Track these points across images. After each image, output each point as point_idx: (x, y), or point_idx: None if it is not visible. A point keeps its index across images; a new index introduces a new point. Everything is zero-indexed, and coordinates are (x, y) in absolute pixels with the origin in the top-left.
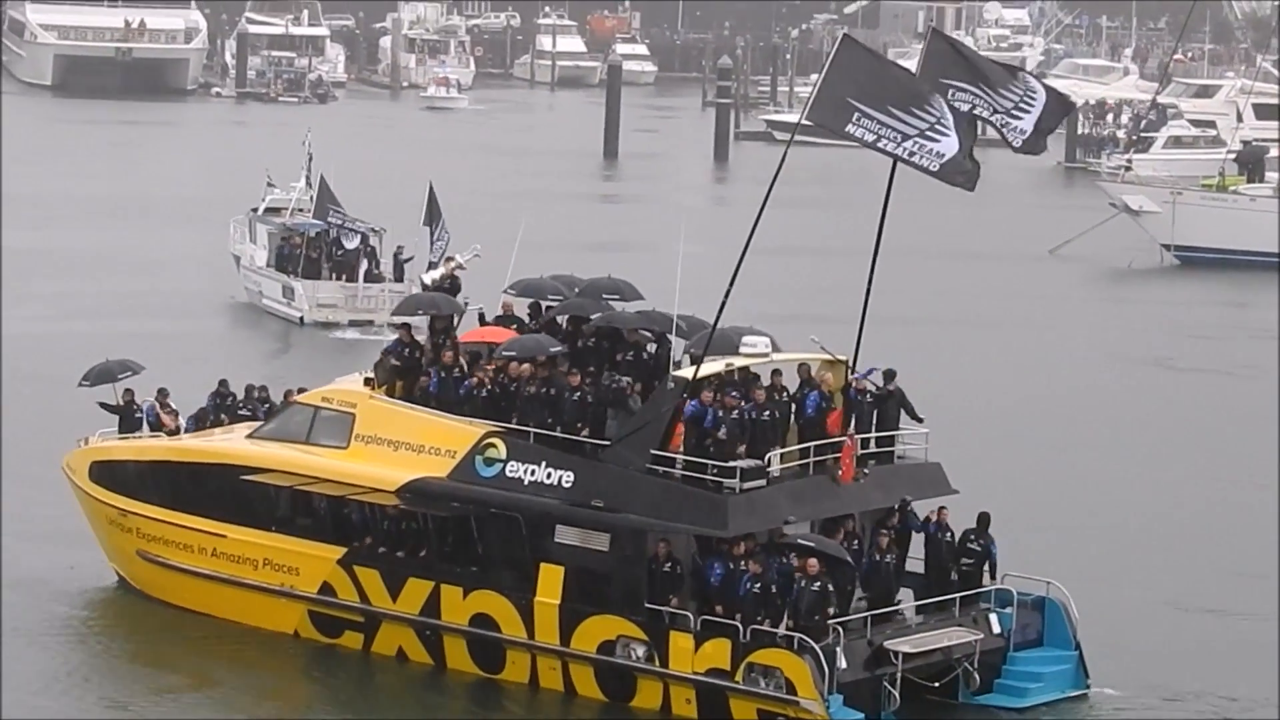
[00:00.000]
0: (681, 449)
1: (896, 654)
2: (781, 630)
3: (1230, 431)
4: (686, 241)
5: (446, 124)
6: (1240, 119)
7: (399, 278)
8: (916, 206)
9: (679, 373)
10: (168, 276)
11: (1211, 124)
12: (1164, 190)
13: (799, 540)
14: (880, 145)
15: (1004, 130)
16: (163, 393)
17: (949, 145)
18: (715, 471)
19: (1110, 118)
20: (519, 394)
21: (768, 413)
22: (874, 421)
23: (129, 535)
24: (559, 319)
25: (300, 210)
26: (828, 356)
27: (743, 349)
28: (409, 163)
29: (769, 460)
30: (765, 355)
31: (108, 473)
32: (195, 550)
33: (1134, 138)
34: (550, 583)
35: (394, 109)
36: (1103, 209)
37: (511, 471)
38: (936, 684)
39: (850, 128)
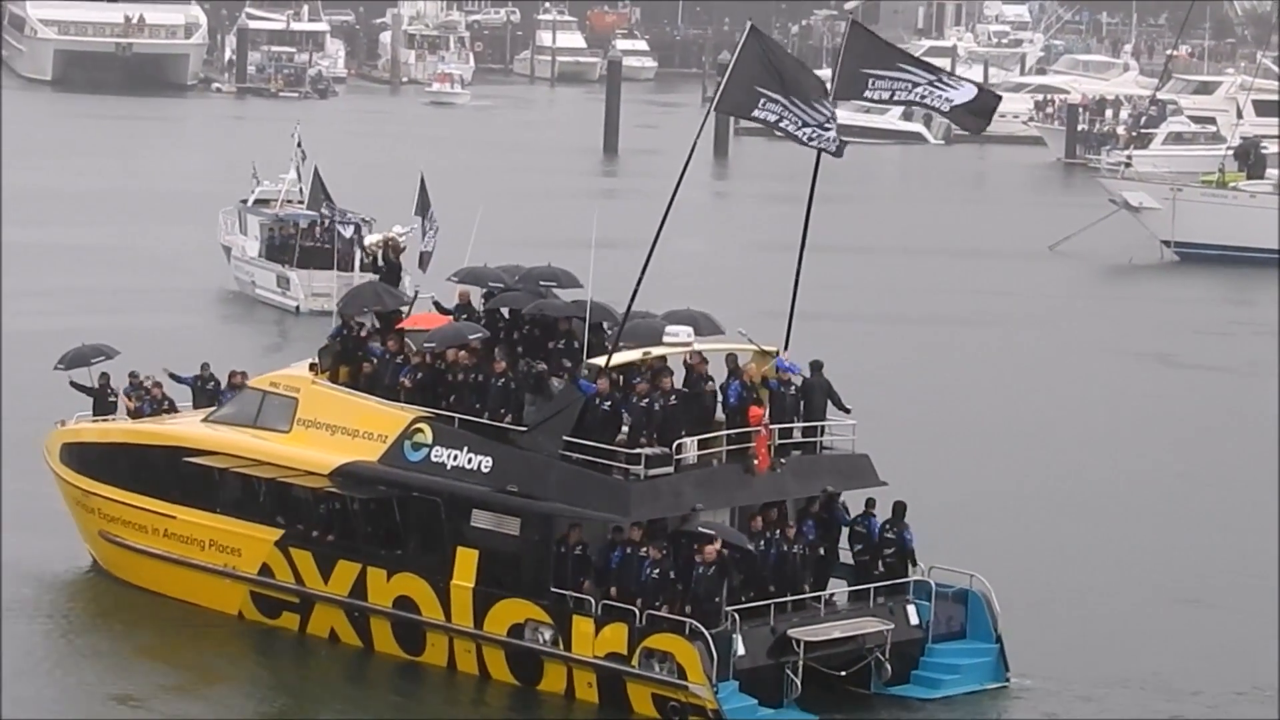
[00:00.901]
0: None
1: (799, 642)
2: (680, 617)
3: (1216, 428)
4: (687, 236)
5: (447, 120)
6: (1240, 115)
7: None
8: (916, 204)
9: (593, 360)
10: (166, 270)
11: (1211, 120)
12: (1164, 186)
13: (698, 527)
14: (782, 125)
15: (929, 100)
16: (134, 375)
17: (834, 137)
18: (621, 459)
19: (1110, 114)
20: (452, 380)
21: (674, 401)
22: (799, 412)
23: (92, 516)
24: (500, 308)
25: (289, 202)
26: (754, 347)
27: (665, 338)
28: (409, 158)
29: (677, 448)
30: (687, 345)
31: (75, 454)
32: (149, 531)
33: (1134, 134)
34: (466, 566)
35: (394, 104)
36: (1103, 205)
37: (436, 456)
38: (843, 673)
39: (757, 111)
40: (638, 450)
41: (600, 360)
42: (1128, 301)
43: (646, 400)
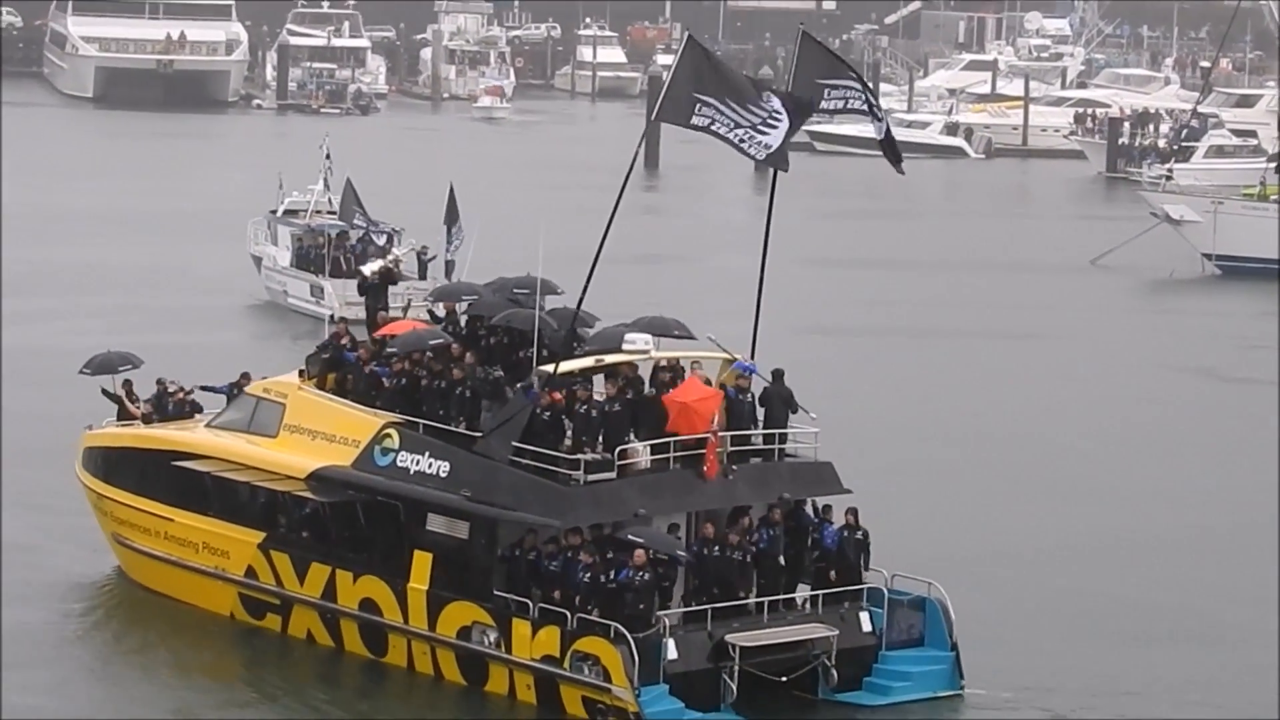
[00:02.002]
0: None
1: (734, 647)
2: (606, 620)
3: (1242, 442)
4: (728, 253)
5: (489, 135)
6: None
7: (422, 275)
8: (957, 218)
9: (544, 368)
10: (208, 286)
11: (1253, 133)
12: (1205, 200)
13: (627, 534)
14: (714, 129)
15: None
16: (161, 382)
17: (776, 138)
18: (563, 464)
19: (1151, 127)
20: (424, 386)
21: (618, 408)
22: (756, 420)
23: (107, 519)
24: (480, 317)
25: (318, 212)
26: (724, 355)
27: (625, 346)
28: (449, 173)
29: (625, 453)
30: (644, 352)
31: (92, 459)
32: (151, 533)
33: (1175, 147)
34: (421, 569)
35: (435, 120)
36: (1144, 219)
37: (401, 461)
38: (784, 678)
39: (694, 119)
40: (577, 456)
41: (550, 367)
42: (1168, 315)
43: (585, 406)
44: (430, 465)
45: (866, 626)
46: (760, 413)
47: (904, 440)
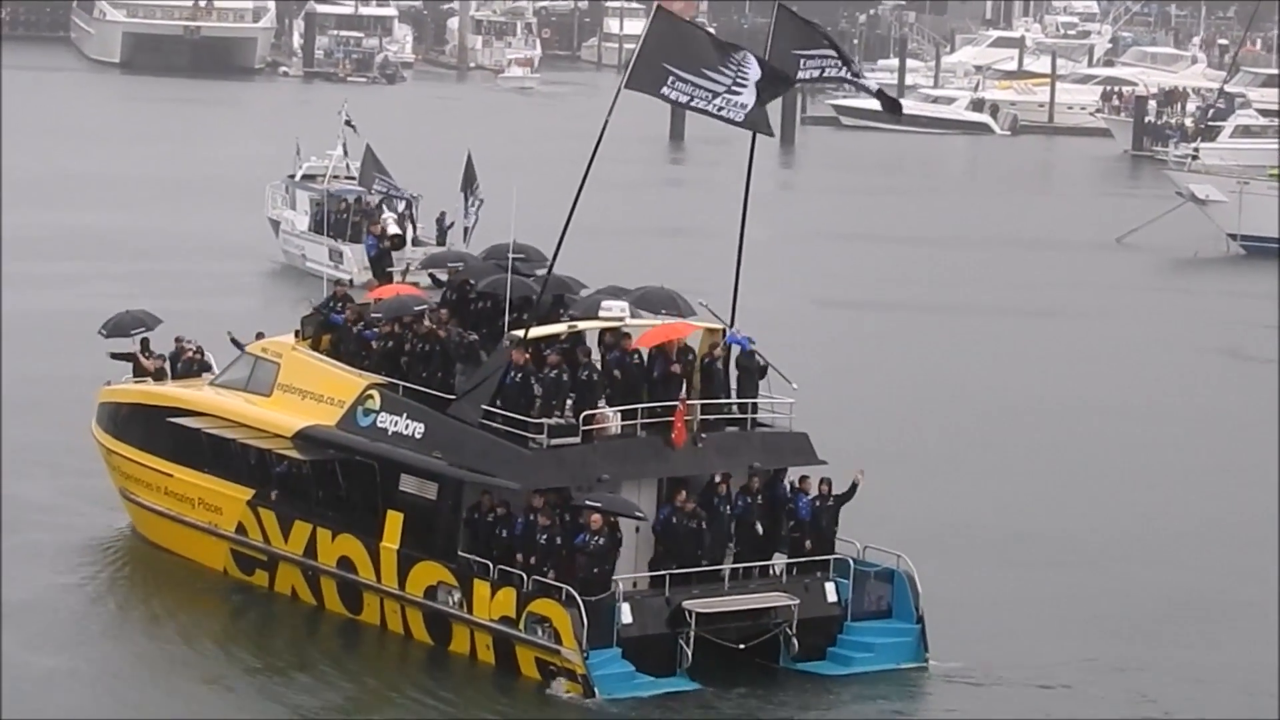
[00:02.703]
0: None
1: (691, 613)
2: (559, 583)
3: (1256, 424)
4: (752, 224)
5: (514, 106)
6: None
7: (441, 241)
8: (982, 195)
9: (516, 333)
10: (227, 249)
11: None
12: (1231, 180)
13: (585, 499)
14: (694, 105)
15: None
16: (179, 339)
17: (749, 96)
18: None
19: (1178, 106)
20: (408, 349)
21: (588, 374)
22: (729, 390)
23: (116, 474)
24: (468, 283)
25: (336, 177)
26: (709, 324)
27: (601, 313)
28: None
29: (592, 419)
30: (620, 319)
31: (104, 415)
32: (154, 489)
33: (1201, 126)
34: (393, 528)
35: (461, 90)
36: (1169, 198)
37: (381, 422)
38: (742, 646)
39: (665, 90)
40: (541, 420)
41: (535, 331)
42: (1192, 295)
43: (555, 372)
44: (407, 427)
45: (832, 597)
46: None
47: (907, 415)
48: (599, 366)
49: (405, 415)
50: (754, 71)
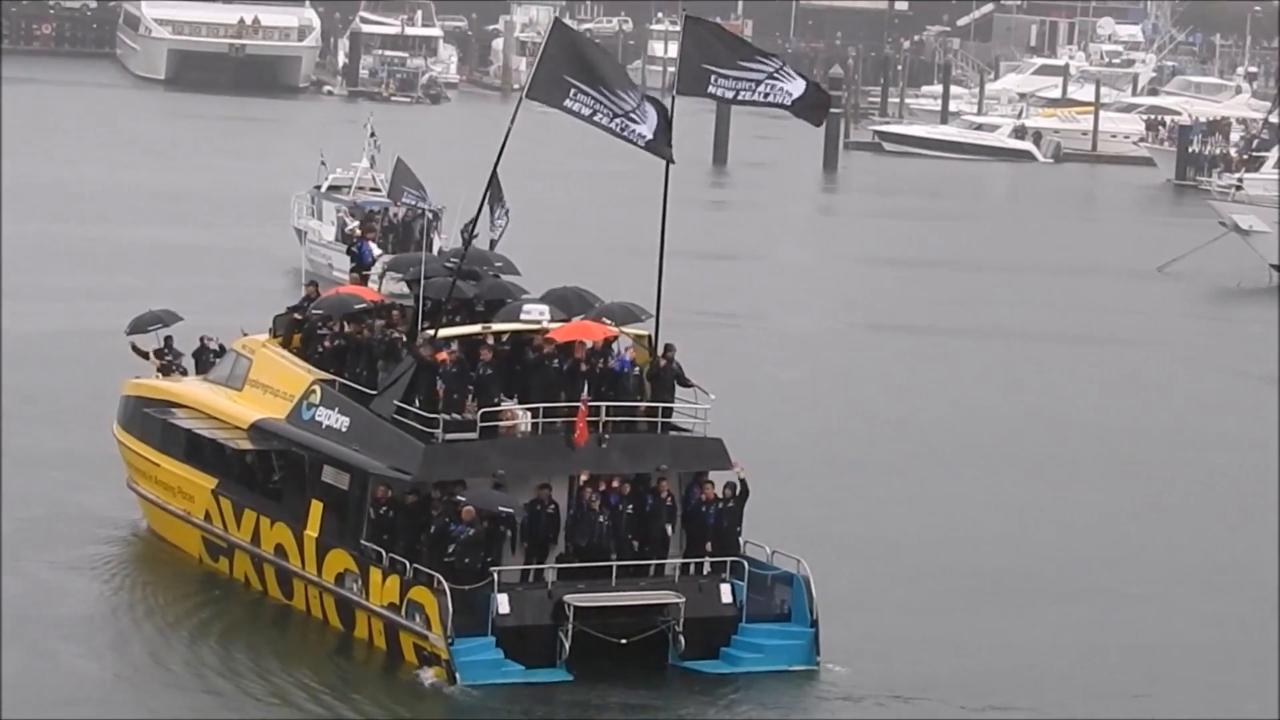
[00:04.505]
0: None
1: (570, 607)
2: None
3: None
4: (793, 248)
5: (557, 125)
6: None
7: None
8: (1025, 222)
9: (429, 332)
10: (265, 265)
11: None
12: (1274, 210)
13: (460, 493)
14: (596, 119)
15: (773, 98)
16: (204, 338)
17: (648, 129)
18: (424, 422)
19: (1221, 136)
20: (353, 347)
21: (489, 372)
22: (642, 393)
23: (125, 465)
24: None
25: (361, 189)
26: (635, 330)
27: (523, 316)
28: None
29: (496, 415)
30: (538, 323)
31: (119, 408)
32: (147, 478)
33: (1245, 156)
34: (315, 517)
35: (505, 110)
36: (1212, 228)
37: (319, 416)
38: (624, 641)
39: (568, 102)
40: (436, 415)
41: (445, 331)
42: (1233, 324)
43: (456, 368)
44: (337, 420)
45: (726, 598)
46: (649, 388)
47: (919, 434)
48: (496, 367)
49: (336, 409)
50: (651, 116)
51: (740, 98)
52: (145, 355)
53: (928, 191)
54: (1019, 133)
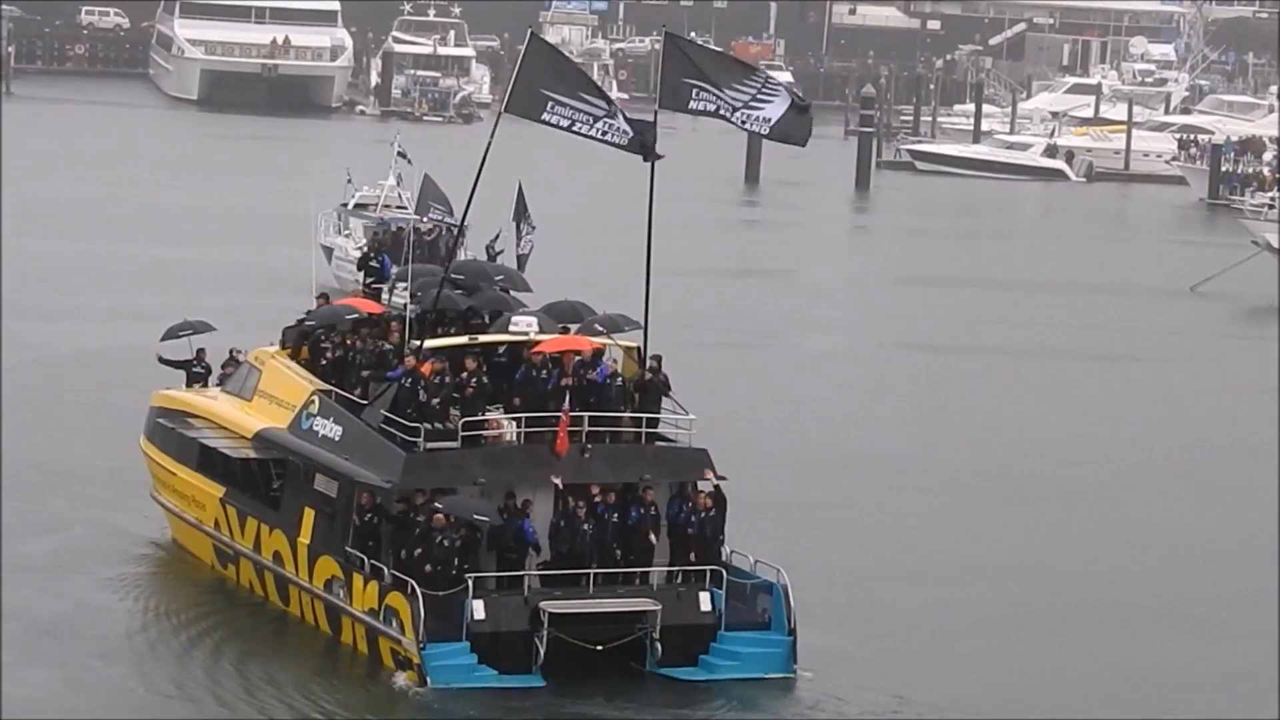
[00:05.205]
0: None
1: (544, 613)
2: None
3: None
4: (826, 266)
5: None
6: None
7: None
8: (1057, 241)
9: (414, 342)
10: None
11: None
12: None
13: (437, 501)
14: (576, 129)
15: (749, 125)
16: (234, 350)
17: (624, 123)
18: (407, 430)
19: (1254, 155)
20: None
21: (474, 383)
22: (626, 404)
23: (150, 476)
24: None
25: (388, 206)
26: (625, 343)
27: (511, 327)
28: (548, 180)
29: (476, 425)
30: (525, 334)
31: (146, 419)
32: (167, 487)
33: (1278, 175)
34: (307, 524)
35: (538, 130)
36: (1245, 247)
37: (316, 426)
38: (600, 647)
39: (546, 115)
40: (419, 425)
41: (430, 342)
42: (1266, 344)
43: (439, 378)
44: (332, 430)
45: (705, 606)
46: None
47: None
48: (486, 378)
49: (332, 419)
50: (621, 121)
51: (720, 113)
52: (173, 365)
53: (960, 210)
54: (1051, 152)
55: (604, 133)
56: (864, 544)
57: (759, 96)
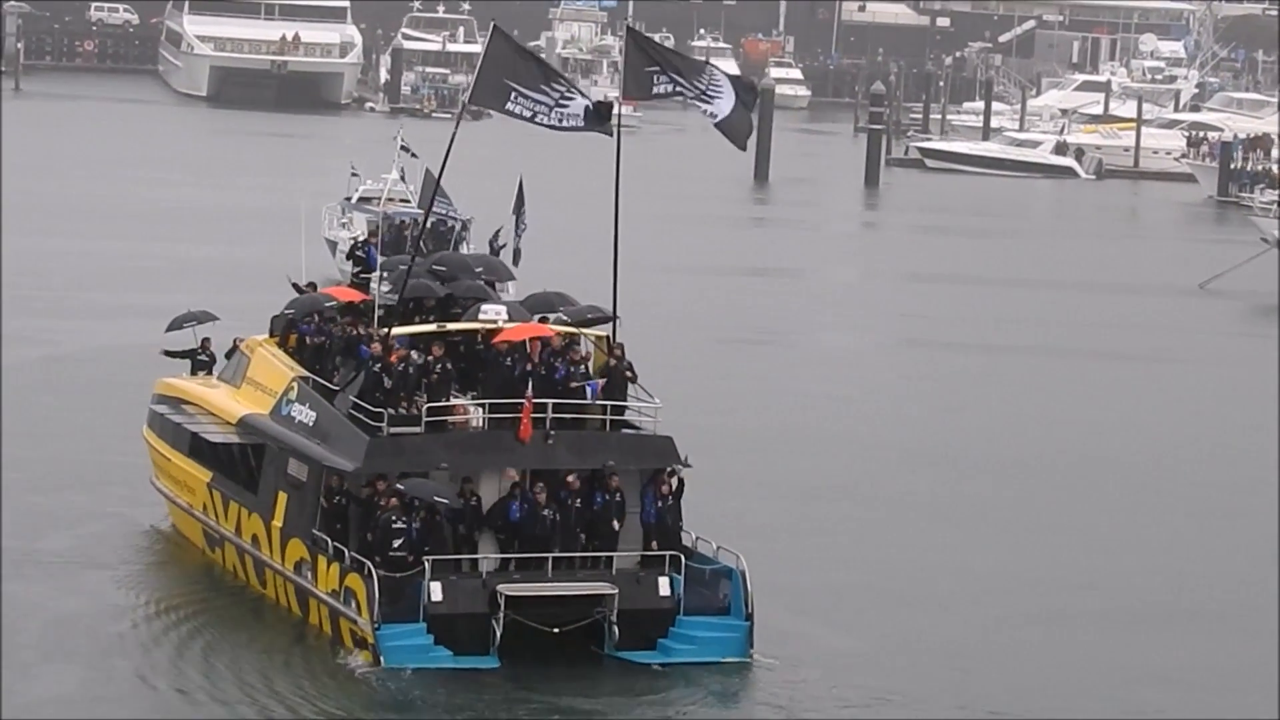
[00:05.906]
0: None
1: (501, 596)
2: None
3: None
4: (835, 264)
5: (599, 142)
6: None
7: None
8: (1067, 238)
9: (382, 329)
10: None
11: None
12: None
13: (398, 484)
14: (537, 119)
15: (704, 112)
16: (238, 340)
17: (578, 108)
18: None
19: (1263, 152)
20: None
21: (439, 369)
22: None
23: (150, 462)
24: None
25: (391, 200)
26: (596, 332)
27: (480, 316)
28: (553, 178)
29: (440, 410)
30: (494, 323)
31: (150, 408)
32: (164, 474)
33: None
34: (280, 508)
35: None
36: (1254, 244)
37: (294, 412)
38: (557, 630)
39: (510, 105)
40: (383, 410)
41: (398, 330)
42: (1274, 342)
43: (404, 364)
44: (307, 416)
45: (664, 591)
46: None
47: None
48: (451, 365)
49: (307, 405)
50: (578, 99)
51: (679, 93)
52: (178, 355)
53: (969, 208)
54: (1061, 149)
55: (560, 120)
56: (847, 535)
57: (708, 92)
